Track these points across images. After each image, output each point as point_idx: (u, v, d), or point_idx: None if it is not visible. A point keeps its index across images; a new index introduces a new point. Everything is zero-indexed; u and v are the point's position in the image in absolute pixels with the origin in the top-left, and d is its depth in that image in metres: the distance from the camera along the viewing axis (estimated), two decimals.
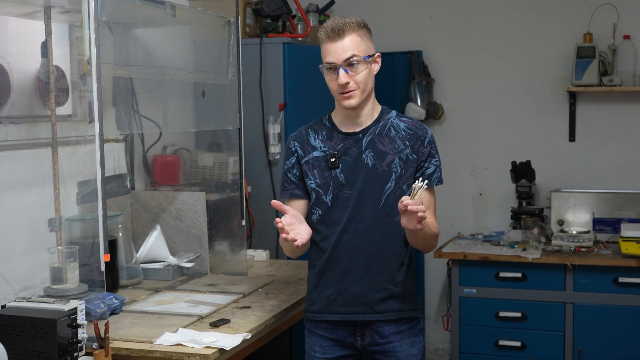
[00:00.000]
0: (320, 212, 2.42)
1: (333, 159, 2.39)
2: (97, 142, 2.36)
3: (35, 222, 2.75)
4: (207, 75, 3.25)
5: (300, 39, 4.06)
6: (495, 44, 4.60)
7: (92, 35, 2.36)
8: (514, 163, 4.36)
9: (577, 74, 4.23)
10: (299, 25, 4.19)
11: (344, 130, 2.43)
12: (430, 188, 2.42)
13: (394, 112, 2.47)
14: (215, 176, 3.52)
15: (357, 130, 2.42)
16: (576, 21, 4.37)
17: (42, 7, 2.68)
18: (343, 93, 2.33)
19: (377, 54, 2.38)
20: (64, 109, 2.92)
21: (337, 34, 2.30)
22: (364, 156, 2.38)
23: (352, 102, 2.34)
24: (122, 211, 3.15)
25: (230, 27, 3.25)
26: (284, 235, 2.21)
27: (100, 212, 2.37)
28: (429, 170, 2.40)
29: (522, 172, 4.34)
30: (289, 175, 2.47)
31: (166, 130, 3.42)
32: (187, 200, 3.23)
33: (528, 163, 4.35)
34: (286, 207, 2.28)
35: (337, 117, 2.46)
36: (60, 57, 2.86)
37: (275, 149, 3.79)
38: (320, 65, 2.37)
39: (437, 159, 2.43)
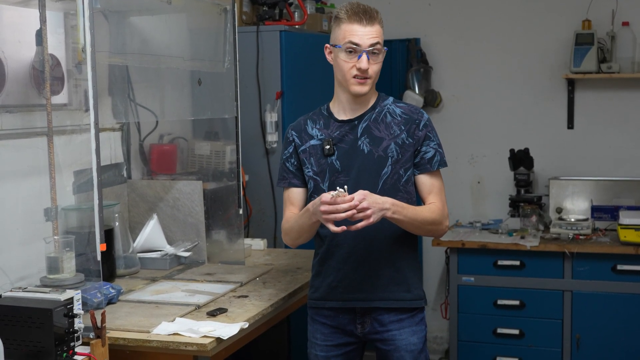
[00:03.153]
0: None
1: (328, 146, 2.39)
2: (93, 130, 2.34)
3: (31, 212, 2.73)
4: (204, 63, 3.24)
5: (297, 26, 4.03)
6: (494, 31, 4.58)
7: (86, 23, 2.33)
8: (512, 151, 4.35)
9: (576, 61, 4.22)
10: (296, 13, 4.16)
11: (340, 117, 2.43)
12: (433, 172, 2.41)
13: (390, 99, 2.47)
14: (212, 165, 3.51)
15: (353, 117, 2.42)
16: (575, 8, 4.36)
17: None
18: (357, 77, 2.32)
19: (385, 49, 2.39)
20: (60, 98, 2.90)
21: (369, 18, 2.29)
22: (359, 142, 2.38)
23: (365, 89, 2.34)
24: (118, 200, 3.14)
25: (227, 14, 3.23)
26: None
27: (96, 202, 2.36)
28: (429, 155, 2.39)
29: (521, 159, 4.34)
30: (287, 164, 2.48)
31: (163, 119, 3.41)
32: (184, 189, 3.22)
33: (526, 151, 4.34)
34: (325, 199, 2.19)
35: (334, 106, 2.46)
36: (55, 46, 2.83)
37: (272, 137, 3.77)
38: (337, 46, 2.33)
39: (435, 142, 2.41)
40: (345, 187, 2.15)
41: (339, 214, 2.13)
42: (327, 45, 2.39)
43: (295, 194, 2.48)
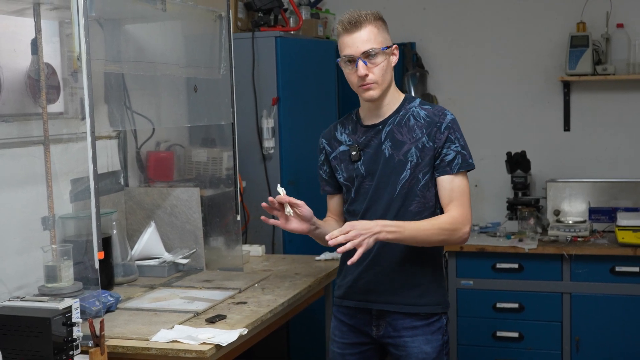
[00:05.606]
0: (347, 203, 2.49)
1: (354, 152, 2.42)
2: (89, 139, 2.34)
3: (28, 221, 2.73)
4: (199, 70, 3.23)
5: (292, 32, 4.04)
6: (488, 35, 4.58)
7: (82, 31, 2.33)
8: (509, 154, 4.35)
9: (571, 63, 4.22)
10: (291, 19, 4.17)
11: (367, 123, 2.45)
12: (455, 175, 2.34)
13: (417, 101, 2.44)
14: (209, 171, 3.51)
15: (378, 122, 2.42)
16: (569, 10, 4.36)
17: (31, 4, 2.65)
18: (362, 85, 2.33)
19: (394, 46, 2.37)
20: (56, 107, 2.89)
21: (354, 25, 2.29)
22: (383, 147, 2.39)
23: (373, 93, 2.33)
24: (116, 208, 3.14)
25: (222, 21, 3.22)
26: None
27: (94, 210, 2.35)
28: (449, 157, 2.34)
29: (518, 162, 4.33)
30: (320, 172, 2.55)
31: (159, 126, 3.40)
32: (182, 196, 3.21)
33: (523, 153, 4.34)
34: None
35: (362, 111, 2.48)
36: (51, 54, 2.83)
37: (269, 143, 3.77)
38: (338, 60, 2.37)
39: (458, 145, 2.35)
40: (283, 189, 2.32)
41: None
42: (338, 59, 2.40)
43: (331, 201, 2.58)
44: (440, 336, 2.42)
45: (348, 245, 2.15)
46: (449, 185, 2.35)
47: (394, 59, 2.38)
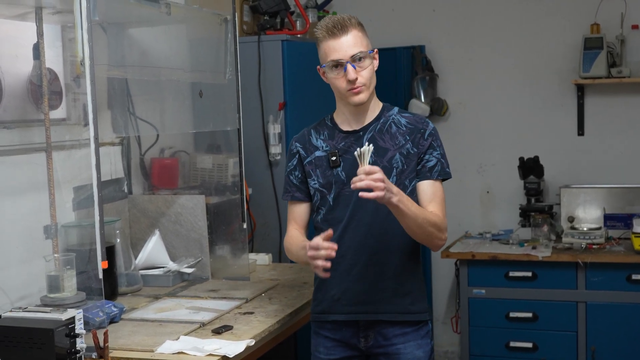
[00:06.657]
0: (323, 211, 2.41)
1: (334, 158, 2.38)
2: (92, 145, 2.34)
3: (30, 229, 2.71)
4: (205, 74, 3.22)
5: (299, 35, 4.01)
6: (500, 37, 4.54)
7: (85, 35, 2.33)
8: (521, 159, 4.30)
9: (585, 65, 4.17)
10: (298, 22, 4.14)
11: (345, 128, 2.42)
12: (434, 181, 2.37)
13: (395, 109, 2.46)
14: (214, 178, 3.48)
15: (358, 128, 2.40)
16: (583, 12, 4.31)
17: (33, 8, 2.65)
18: (352, 89, 2.31)
19: (375, 50, 2.37)
20: (58, 113, 2.89)
21: (340, 30, 2.28)
22: None
23: (362, 97, 2.32)
24: (119, 216, 3.12)
25: (227, 24, 3.21)
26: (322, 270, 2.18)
27: (97, 218, 2.35)
28: (430, 163, 2.36)
29: (530, 168, 4.29)
30: (291, 177, 2.46)
31: (163, 132, 3.40)
32: (187, 203, 3.19)
33: (536, 159, 4.28)
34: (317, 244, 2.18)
35: (338, 117, 2.45)
36: (53, 59, 2.83)
37: (275, 149, 3.74)
38: (323, 66, 2.33)
39: (439, 152, 2.38)
40: (371, 145, 2.13)
41: (321, 251, 2.14)
42: (319, 67, 2.38)
43: (298, 209, 2.47)
44: (429, 340, 2.45)
45: (372, 185, 2.08)
46: (430, 189, 2.36)
47: (376, 64, 2.38)
